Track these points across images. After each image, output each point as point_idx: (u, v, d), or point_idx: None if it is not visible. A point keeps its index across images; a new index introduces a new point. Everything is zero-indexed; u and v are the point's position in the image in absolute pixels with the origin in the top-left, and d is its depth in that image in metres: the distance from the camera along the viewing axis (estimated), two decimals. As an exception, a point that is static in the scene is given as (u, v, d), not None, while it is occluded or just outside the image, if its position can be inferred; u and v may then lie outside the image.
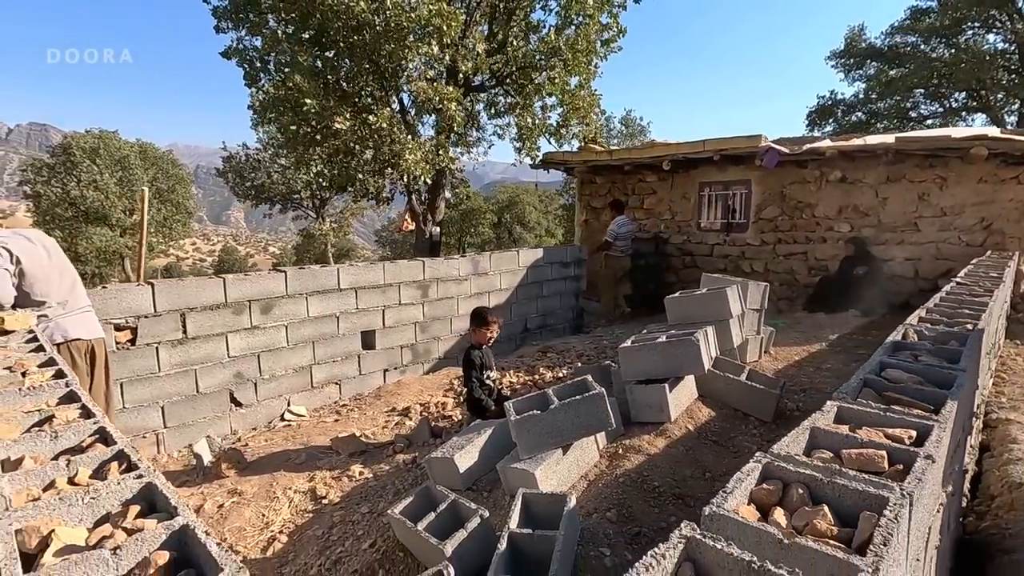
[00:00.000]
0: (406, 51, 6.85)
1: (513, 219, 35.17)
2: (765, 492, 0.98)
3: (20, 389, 1.69)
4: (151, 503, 1.03)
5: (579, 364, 5.00)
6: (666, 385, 2.98)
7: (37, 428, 1.47)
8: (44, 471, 1.15)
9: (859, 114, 20.69)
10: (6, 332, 2.48)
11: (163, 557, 0.82)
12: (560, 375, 4.70)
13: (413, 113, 8.17)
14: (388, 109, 7.04)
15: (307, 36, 7.53)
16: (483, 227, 33.28)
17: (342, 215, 20.62)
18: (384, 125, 6.63)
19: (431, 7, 6.70)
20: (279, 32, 7.59)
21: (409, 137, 7.01)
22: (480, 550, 2.22)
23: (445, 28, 6.72)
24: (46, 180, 26.33)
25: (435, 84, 6.97)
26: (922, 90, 19.80)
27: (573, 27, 8.42)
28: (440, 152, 7.43)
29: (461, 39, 7.48)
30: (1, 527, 0.89)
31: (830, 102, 19.97)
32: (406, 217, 8.98)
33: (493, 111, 8.89)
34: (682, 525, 0.84)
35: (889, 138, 6.63)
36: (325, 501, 3.03)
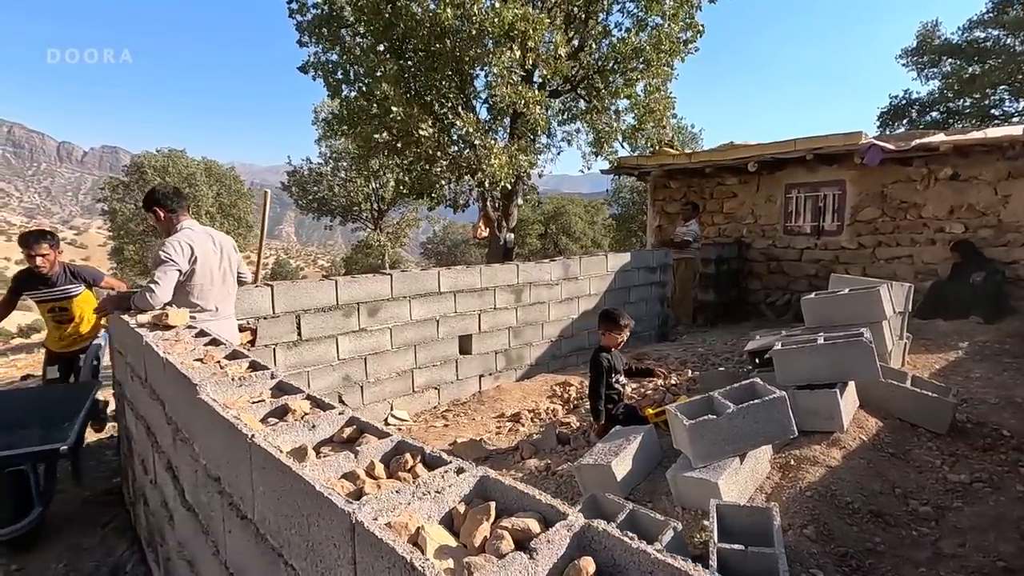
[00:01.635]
0: (490, 56, 6.82)
1: (559, 229, 34.99)
2: None
3: (233, 380, 1.63)
4: (486, 499, 0.89)
5: (689, 372, 4.75)
6: (837, 390, 2.72)
7: (274, 418, 1.39)
8: (337, 462, 1.04)
9: (935, 113, 19.58)
10: (169, 327, 2.48)
11: (590, 564, 0.68)
12: (672, 382, 4.46)
13: (489, 119, 8.14)
14: (472, 114, 7.03)
15: (382, 48, 7.64)
16: (531, 238, 33.24)
17: (398, 226, 20.95)
18: (471, 129, 6.61)
19: (515, 11, 6.67)
20: (360, 45, 7.72)
21: (493, 142, 6.97)
22: (672, 566, 2.03)
23: (531, 32, 6.67)
24: (121, 197, 27.88)
25: (518, 88, 6.91)
26: (1006, 86, 18.55)
27: (649, 28, 8.25)
28: (521, 157, 7.36)
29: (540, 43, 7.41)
30: (365, 518, 0.77)
31: (904, 102, 18.97)
32: (479, 224, 8.94)
33: (568, 115, 8.79)
34: None
35: (1016, 130, 6.12)
36: (464, 508, 2.90)
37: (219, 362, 1.90)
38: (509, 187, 7.54)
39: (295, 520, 0.98)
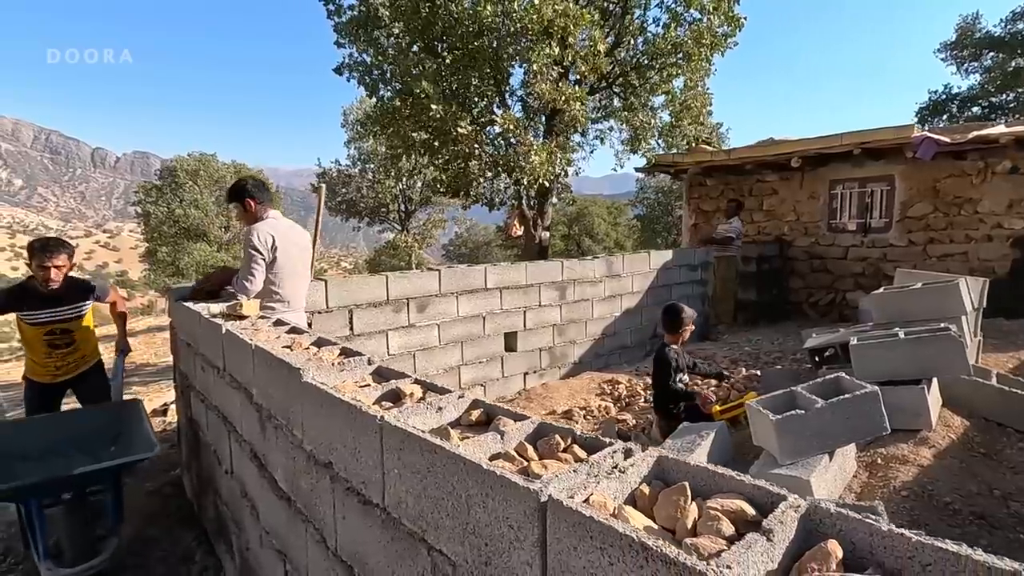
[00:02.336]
0: (529, 53, 6.78)
1: (582, 231, 34.78)
2: None
3: (332, 365, 1.60)
4: (665, 480, 0.84)
5: (744, 370, 4.62)
6: (924, 386, 2.59)
7: (387, 402, 1.35)
8: (484, 443, 1.00)
9: (976, 108, 18.97)
10: (242, 317, 2.48)
11: (837, 548, 0.61)
12: (732, 382, 4.34)
13: (523, 116, 8.09)
14: (510, 111, 7.00)
15: (419, 47, 7.64)
16: (555, 239, 33.09)
17: (425, 227, 21.06)
18: (511, 127, 6.57)
19: (555, 7, 6.61)
20: (398, 44, 7.74)
21: (532, 139, 6.93)
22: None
23: (571, 27, 6.61)
24: (154, 201, 28.51)
25: (557, 84, 6.85)
26: (1053, 80, 17.87)
27: (687, 23, 8.11)
28: (558, 154, 7.30)
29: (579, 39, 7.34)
30: (560, 496, 0.71)
31: (944, 97, 18.40)
32: (514, 222, 8.90)
33: (603, 113, 8.69)
34: None
35: (1083, 120, 5.83)
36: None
37: (307, 349, 1.88)
38: (547, 184, 7.49)
39: (447, 502, 0.93)
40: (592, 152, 9.28)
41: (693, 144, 9.20)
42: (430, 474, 0.97)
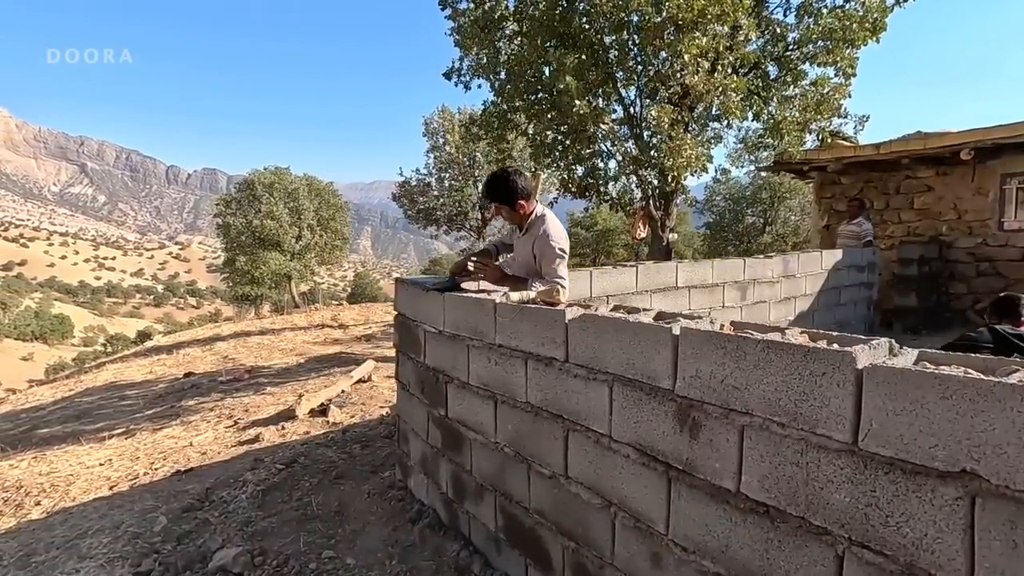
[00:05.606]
0: (679, 45, 6.45)
1: (641, 239, 33.82)
2: None
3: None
4: None
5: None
6: None
7: None
8: None
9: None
10: (556, 303, 2.27)
11: None
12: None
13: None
14: (669, 105, 6.68)
15: (554, 43, 7.40)
16: (617, 247, 32.51)
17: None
18: (666, 120, 6.26)
19: (708, -5, 6.26)
20: (532, 43, 7.54)
21: (685, 134, 6.58)
22: None
23: (729, 15, 6.25)
24: (233, 213, 29.74)
25: (712, 76, 6.49)
26: None
27: (830, 7, 7.57)
28: (700, 149, 6.91)
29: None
30: None
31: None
32: (638, 223, 8.55)
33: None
34: None
35: None
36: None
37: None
38: (696, 177, 7.11)
39: None
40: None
41: (828, 139, 8.61)
42: None
